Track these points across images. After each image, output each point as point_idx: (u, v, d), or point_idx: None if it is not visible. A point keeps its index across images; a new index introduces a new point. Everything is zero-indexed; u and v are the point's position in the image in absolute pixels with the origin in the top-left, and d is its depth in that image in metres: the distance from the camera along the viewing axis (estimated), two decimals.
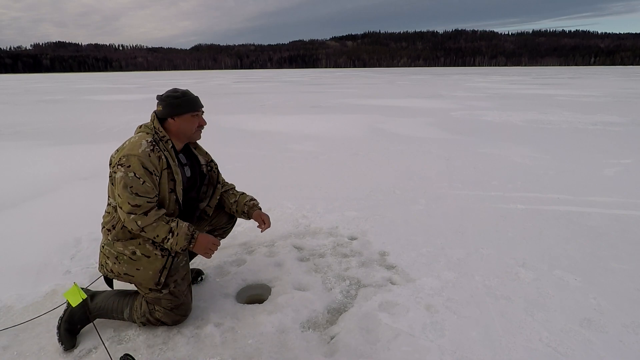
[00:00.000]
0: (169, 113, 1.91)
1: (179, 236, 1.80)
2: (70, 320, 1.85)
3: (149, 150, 1.80)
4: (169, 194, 1.88)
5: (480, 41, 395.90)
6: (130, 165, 1.75)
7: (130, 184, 1.75)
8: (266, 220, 2.21)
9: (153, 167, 1.79)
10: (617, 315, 2.01)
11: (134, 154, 1.77)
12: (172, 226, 1.80)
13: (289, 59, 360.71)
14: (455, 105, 12.44)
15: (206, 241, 1.89)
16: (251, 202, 2.27)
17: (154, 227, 1.77)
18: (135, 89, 25.24)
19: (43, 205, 3.68)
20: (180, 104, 1.91)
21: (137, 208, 1.75)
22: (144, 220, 1.76)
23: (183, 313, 1.94)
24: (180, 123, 1.93)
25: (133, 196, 1.75)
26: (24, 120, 9.86)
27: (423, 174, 4.66)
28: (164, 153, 1.86)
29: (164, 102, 1.92)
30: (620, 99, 14.45)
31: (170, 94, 1.93)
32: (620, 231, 3.03)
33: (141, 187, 1.76)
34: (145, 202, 1.76)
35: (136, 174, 1.75)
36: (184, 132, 1.96)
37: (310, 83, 30.98)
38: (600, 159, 5.37)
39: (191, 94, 1.96)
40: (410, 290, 2.24)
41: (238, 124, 8.76)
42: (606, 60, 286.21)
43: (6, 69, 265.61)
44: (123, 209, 1.76)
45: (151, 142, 1.83)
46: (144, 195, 1.76)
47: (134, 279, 1.86)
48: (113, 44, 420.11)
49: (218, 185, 2.22)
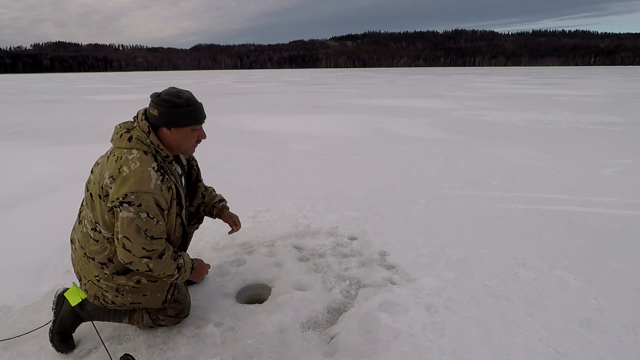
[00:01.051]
0: (167, 123, 1.62)
1: (185, 272, 1.74)
2: (62, 330, 1.78)
3: (160, 184, 1.56)
4: (176, 218, 1.73)
5: (480, 41, 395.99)
6: (141, 204, 1.52)
7: (145, 227, 1.54)
8: (237, 222, 2.18)
9: (165, 203, 1.59)
10: (617, 315, 2.01)
11: (145, 190, 1.52)
12: (179, 263, 1.70)
13: (289, 59, 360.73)
14: (456, 105, 12.44)
15: (201, 269, 1.88)
16: (220, 202, 2.19)
17: (162, 267, 1.64)
18: (135, 89, 25.23)
19: (43, 205, 3.68)
20: (182, 114, 1.62)
21: (153, 252, 1.59)
22: (157, 263, 1.61)
23: (186, 315, 1.95)
24: (177, 136, 1.66)
25: (149, 241, 1.56)
26: (24, 120, 9.86)
27: (423, 174, 4.66)
28: (172, 179, 1.64)
29: (161, 108, 1.60)
30: (620, 99, 14.45)
31: (170, 98, 1.61)
32: (620, 231, 3.03)
33: (156, 228, 1.57)
34: (162, 244, 1.61)
35: (150, 214, 1.54)
36: (178, 147, 1.70)
37: (310, 83, 30.97)
38: (600, 159, 5.37)
39: (195, 99, 1.68)
40: (410, 290, 2.24)
41: (238, 124, 8.76)
42: (606, 60, 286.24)
43: (6, 69, 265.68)
44: (134, 254, 1.56)
45: (159, 169, 1.58)
46: (159, 237, 1.59)
47: (141, 305, 1.78)
48: (113, 44, 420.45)
49: (199, 184, 2.09)
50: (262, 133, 7.59)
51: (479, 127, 8.19)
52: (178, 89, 1.67)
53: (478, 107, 11.86)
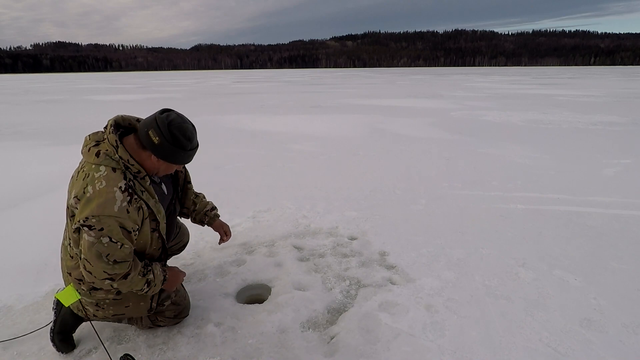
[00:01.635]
0: (162, 155, 1.52)
1: (155, 286, 1.68)
2: (63, 330, 1.78)
3: (125, 205, 1.46)
4: (152, 233, 1.64)
5: (480, 41, 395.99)
6: (103, 228, 1.43)
7: (107, 252, 1.46)
8: (227, 232, 2.18)
9: (132, 225, 1.50)
10: (617, 315, 2.01)
11: (108, 214, 1.42)
12: (148, 279, 1.64)
13: (289, 59, 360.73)
14: (456, 105, 12.44)
15: (175, 279, 1.80)
16: (212, 211, 2.16)
17: (129, 285, 1.59)
18: (135, 89, 25.23)
19: (43, 205, 3.68)
20: (182, 156, 1.56)
21: (116, 275, 1.52)
22: (122, 283, 1.56)
23: (185, 315, 1.95)
24: (161, 165, 1.59)
25: (111, 265, 1.49)
26: (24, 120, 9.86)
27: (423, 174, 4.66)
28: (142, 198, 1.53)
29: (165, 142, 1.49)
30: (620, 99, 14.45)
31: (181, 138, 1.51)
32: (620, 231, 3.03)
33: (119, 252, 1.48)
34: (126, 267, 1.53)
35: (112, 238, 1.45)
36: (156, 172, 1.64)
37: (310, 83, 30.97)
38: (600, 159, 5.37)
39: (197, 141, 1.61)
40: (410, 290, 2.24)
41: (238, 124, 8.76)
42: (606, 60, 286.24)
43: (6, 69, 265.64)
44: (95, 276, 1.50)
45: (126, 189, 1.47)
46: (122, 261, 1.51)
47: (124, 316, 1.76)
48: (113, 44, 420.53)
49: (188, 185, 2.02)
50: (262, 133, 7.59)
51: (479, 127, 8.19)
52: (189, 127, 1.55)
53: (478, 107, 11.86)
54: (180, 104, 13.86)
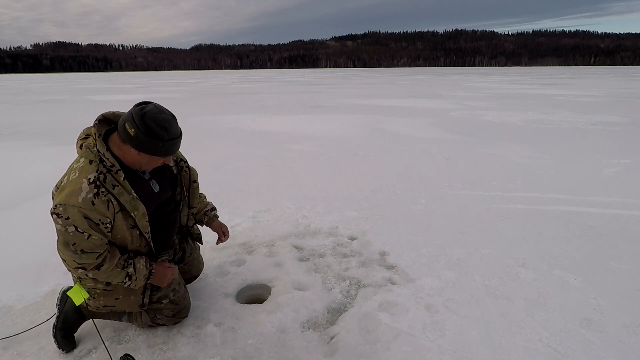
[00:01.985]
0: (141, 147, 1.49)
1: (137, 280, 1.67)
2: (66, 326, 1.80)
3: (91, 197, 1.45)
4: (130, 230, 1.61)
5: (480, 41, 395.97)
6: (69, 217, 1.44)
7: (73, 241, 1.47)
8: (226, 232, 2.20)
9: (99, 217, 1.48)
10: (617, 315, 2.01)
11: (72, 204, 1.43)
12: (128, 272, 1.63)
13: (289, 59, 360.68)
14: (456, 105, 12.44)
15: (164, 274, 1.75)
16: (211, 212, 2.19)
17: (107, 276, 1.60)
18: (135, 89, 25.23)
19: (43, 205, 3.68)
20: (159, 147, 1.50)
21: (86, 265, 1.53)
22: (96, 273, 1.57)
23: (185, 315, 1.96)
24: (143, 159, 1.55)
25: (78, 255, 1.50)
26: (24, 120, 9.86)
27: (423, 174, 4.66)
28: (112, 193, 1.50)
29: (142, 133, 1.46)
30: (620, 99, 14.45)
31: (155, 128, 1.46)
32: (620, 231, 3.03)
33: (86, 242, 1.48)
34: (94, 258, 1.52)
35: (78, 228, 1.46)
36: (139, 165, 1.60)
37: (310, 83, 30.97)
38: (600, 159, 5.37)
39: (177, 131, 1.55)
40: (410, 290, 2.24)
41: (238, 124, 8.76)
42: (606, 60, 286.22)
43: (6, 69, 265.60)
44: (68, 264, 1.54)
45: (94, 181, 1.47)
46: (91, 252, 1.51)
47: (115, 308, 1.77)
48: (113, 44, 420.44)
49: (194, 184, 1.97)
50: (262, 133, 7.59)
51: (479, 127, 8.19)
52: (165, 116, 1.51)
53: (478, 107, 11.86)
54: (181, 104, 13.86)
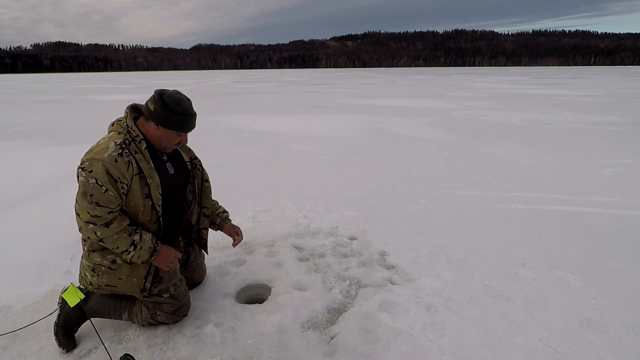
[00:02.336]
0: (158, 120, 1.72)
1: (142, 250, 1.70)
2: (67, 325, 1.81)
3: (116, 155, 1.64)
4: (144, 199, 1.72)
5: (480, 41, 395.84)
6: (92, 170, 1.61)
7: (91, 192, 1.61)
8: (239, 232, 2.22)
9: (119, 174, 1.64)
10: (617, 315, 2.01)
11: (98, 158, 1.62)
12: (134, 239, 1.69)
13: (289, 59, 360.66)
14: (456, 105, 12.44)
15: (168, 254, 1.80)
16: (223, 214, 2.26)
17: (114, 240, 1.66)
18: (135, 88, 25.23)
19: (43, 205, 3.68)
20: (173, 120, 1.72)
21: (97, 219, 1.62)
22: (104, 232, 1.64)
23: (184, 314, 1.96)
24: (162, 133, 1.77)
25: (93, 206, 1.62)
26: (24, 120, 9.86)
27: (423, 174, 4.66)
28: (134, 156, 1.69)
29: (159, 107, 1.71)
30: (620, 99, 14.45)
31: (170, 102, 1.71)
32: (620, 231, 3.03)
33: (102, 196, 1.62)
34: (106, 213, 1.63)
35: (98, 181, 1.61)
36: (158, 141, 1.80)
37: (310, 83, 30.97)
38: (600, 159, 5.37)
39: (192, 112, 1.78)
40: (410, 290, 2.23)
41: (238, 124, 8.76)
42: (606, 60, 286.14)
43: (6, 69, 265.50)
44: (81, 217, 1.64)
45: (120, 144, 1.67)
46: (104, 206, 1.63)
47: (117, 289, 1.80)
48: (113, 44, 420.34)
49: (206, 184, 2.08)
50: (262, 133, 7.59)
51: (479, 127, 8.19)
52: (180, 96, 1.76)
53: (478, 107, 11.86)
54: None
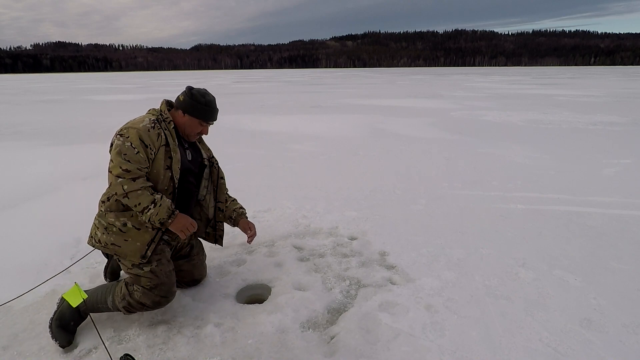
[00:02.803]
0: (184, 108, 2.01)
1: (161, 207, 1.82)
2: (62, 318, 1.85)
3: (149, 126, 1.90)
4: (165, 170, 1.94)
5: (480, 41, 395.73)
6: (129, 136, 1.85)
7: (125, 152, 1.83)
8: (252, 229, 2.28)
9: (150, 142, 1.88)
10: (617, 315, 2.01)
11: (134, 127, 1.87)
12: (155, 197, 1.83)
13: (289, 59, 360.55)
14: (456, 105, 12.44)
15: (185, 220, 1.91)
16: (240, 209, 2.35)
17: (138, 195, 1.81)
18: (135, 88, 25.24)
19: (43, 205, 3.68)
20: (198, 109, 2.01)
21: (127, 173, 1.81)
22: (131, 185, 1.80)
23: (163, 294, 1.89)
24: (188, 120, 2.03)
25: (125, 161, 1.82)
26: (24, 120, 9.86)
27: (423, 174, 4.66)
28: (164, 132, 1.95)
29: (187, 97, 2.01)
30: (620, 99, 14.45)
31: (196, 94, 2.01)
32: (620, 231, 3.03)
33: (134, 155, 1.83)
34: (136, 168, 1.83)
35: (132, 144, 1.84)
36: (184, 129, 2.06)
37: (310, 83, 30.98)
38: (600, 159, 5.37)
39: (214, 105, 2.07)
40: (410, 290, 2.23)
41: (238, 124, 8.76)
42: (606, 60, 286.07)
43: (6, 69, 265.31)
44: (113, 172, 1.83)
45: (153, 120, 1.94)
46: (135, 163, 1.83)
47: (120, 249, 1.89)
48: (113, 44, 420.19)
49: (221, 181, 2.30)
50: (262, 133, 7.59)
51: (479, 127, 8.19)
52: (207, 92, 2.06)
53: (478, 107, 11.86)
54: None
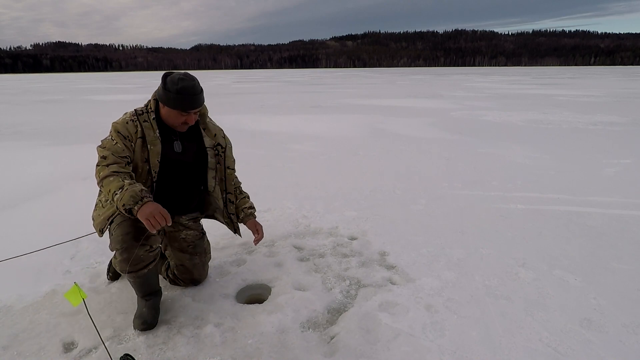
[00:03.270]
0: (161, 99, 1.94)
1: (127, 191, 1.66)
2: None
3: (128, 120, 1.93)
4: (143, 163, 1.93)
5: (480, 41, 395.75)
6: (112, 130, 1.91)
7: (104, 144, 1.88)
8: (260, 230, 2.24)
9: (128, 133, 1.90)
10: (617, 315, 2.00)
11: (116, 122, 1.94)
12: (125, 183, 1.72)
13: (289, 59, 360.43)
14: (456, 105, 12.44)
15: (153, 207, 1.65)
16: (249, 209, 2.30)
17: (110, 181, 1.74)
18: (135, 88, 25.23)
19: (43, 205, 3.68)
20: (169, 98, 1.90)
21: (103, 159, 1.82)
22: (105, 171, 1.78)
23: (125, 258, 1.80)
24: (166, 112, 1.96)
25: (103, 150, 1.86)
26: (24, 120, 9.86)
27: (423, 174, 4.66)
28: (142, 124, 1.94)
29: (161, 86, 1.93)
30: (620, 99, 14.45)
31: (170, 82, 1.89)
32: (620, 231, 3.03)
33: (112, 146, 1.86)
34: (111, 154, 1.83)
35: (112, 137, 1.89)
36: (167, 120, 1.99)
37: (310, 83, 30.97)
38: (600, 159, 5.37)
39: (191, 91, 1.88)
40: (410, 290, 2.23)
41: (238, 124, 8.76)
42: (606, 60, 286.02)
43: (6, 69, 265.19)
44: (96, 163, 1.86)
45: (133, 114, 1.96)
46: (111, 150, 1.85)
47: (94, 223, 1.98)
48: (113, 44, 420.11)
49: (228, 170, 2.21)
50: (262, 133, 7.59)
51: (479, 127, 8.19)
52: (182, 77, 1.90)
53: (478, 107, 11.86)
54: None
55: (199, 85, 1.95)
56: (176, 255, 2.20)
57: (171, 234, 2.21)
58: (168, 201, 2.00)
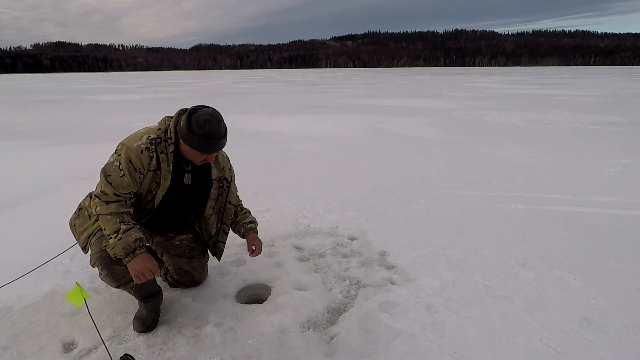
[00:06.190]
0: (183, 138, 1.80)
1: (120, 241, 1.68)
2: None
3: (143, 147, 1.77)
4: (147, 193, 1.85)
5: (480, 41, 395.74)
6: (120, 154, 1.77)
7: (110, 172, 1.77)
8: (257, 247, 2.17)
9: (140, 165, 1.77)
10: (617, 315, 2.01)
11: (129, 145, 1.78)
12: (121, 227, 1.70)
13: (289, 59, 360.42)
14: (455, 105, 12.44)
15: (142, 264, 1.68)
16: (250, 224, 2.24)
17: (106, 219, 1.72)
18: (135, 89, 25.23)
19: (43, 205, 3.68)
20: (194, 140, 1.77)
21: (103, 195, 1.75)
22: (102, 208, 1.73)
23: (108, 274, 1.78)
24: (186, 149, 1.84)
25: (105, 183, 1.76)
26: (24, 120, 9.85)
27: (423, 174, 4.66)
28: (159, 155, 1.80)
29: (185, 126, 1.77)
30: (620, 99, 14.45)
31: (196, 125, 1.75)
32: (620, 231, 3.03)
33: (117, 179, 1.76)
34: (113, 193, 1.75)
35: (120, 165, 1.76)
36: (185, 155, 1.88)
37: (310, 83, 30.97)
38: (600, 159, 5.37)
39: (216, 136, 1.78)
40: (410, 290, 2.23)
41: (238, 123, 8.76)
42: (606, 60, 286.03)
43: (6, 69, 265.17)
44: (95, 192, 1.80)
45: (152, 139, 1.79)
46: (115, 187, 1.76)
47: (75, 232, 1.93)
48: (113, 44, 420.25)
49: (228, 205, 2.14)
50: (262, 133, 7.59)
51: (478, 127, 8.19)
52: (208, 118, 1.76)
53: (478, 107, 11.86)
54: (180, 104, 13.85)
55: (224, 125, 1.85)
56: (173, 260, 2.17)
57: (164, 242, 2.16)
58: (163, 223, 2.00)
